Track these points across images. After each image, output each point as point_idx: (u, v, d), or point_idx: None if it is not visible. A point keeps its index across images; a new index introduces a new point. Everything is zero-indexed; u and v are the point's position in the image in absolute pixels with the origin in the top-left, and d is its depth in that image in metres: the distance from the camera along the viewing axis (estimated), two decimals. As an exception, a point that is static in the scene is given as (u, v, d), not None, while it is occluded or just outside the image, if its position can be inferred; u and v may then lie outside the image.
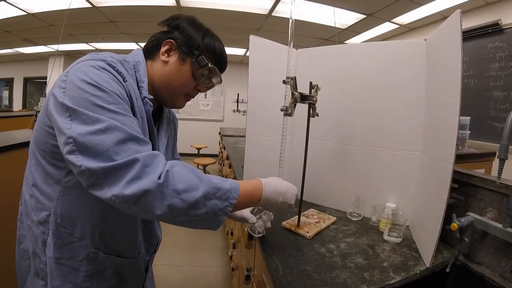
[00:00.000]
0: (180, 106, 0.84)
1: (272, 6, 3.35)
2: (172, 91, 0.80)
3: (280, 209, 0.85)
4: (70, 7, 3.21)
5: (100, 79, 0.60)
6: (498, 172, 0.82)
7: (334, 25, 3.66)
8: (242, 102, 7.66)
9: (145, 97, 0.73)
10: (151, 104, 0.75)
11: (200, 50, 0.78)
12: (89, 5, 3.36)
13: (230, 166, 2.52)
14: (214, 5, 3.36)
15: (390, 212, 1.16)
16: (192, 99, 0.89)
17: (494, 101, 2.74)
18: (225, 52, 0.84)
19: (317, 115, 1.15)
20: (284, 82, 1.01)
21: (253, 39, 1.24)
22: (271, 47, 1.33)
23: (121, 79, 0.65)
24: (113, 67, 0.64)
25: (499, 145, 0.81)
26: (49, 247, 0.71)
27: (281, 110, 1.00)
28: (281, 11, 3.49)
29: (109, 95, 0.59)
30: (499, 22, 2.51)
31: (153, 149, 0.77)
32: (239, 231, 1.91)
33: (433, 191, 1.00)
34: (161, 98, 0.82)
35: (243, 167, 1.31)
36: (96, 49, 5.76)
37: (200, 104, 7.58)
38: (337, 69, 1.37)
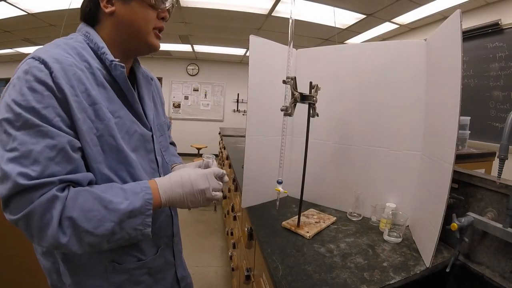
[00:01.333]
0: (156, 45, 0.75)
1: (272, 6, 3.35)
2: (137, 35, 0.72)
3: (196, 203, 0.73)
4: (70, 7, 3.22)
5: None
6: (498, 172, 0.82)
7: (334, 25, 3.66)
8: (242, 102, 7.66)
9: (112, 60, 0.66)
10: (122, 65, 0.67)
11: None
12: None
13: (230, 166, 2.53)
14: (214, 5, 3.36)
15: (390, 212, 1.16)
16: (192, 100, 0.87)
17: (494, 101, 2.74)
18: None
19: (317, 115, 1.15)
20: (284, 82, 1.01)
21: (253, 39, 1.24)
22: (271, 47, 1.33)
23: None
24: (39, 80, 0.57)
25: (499, 145, 0.81)
26: (64, 275, 0.68)
27: (281, 110, 1.00)
28: (281, 11, 3.49)
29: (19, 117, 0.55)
30: (499, 22, 2.51)
31: (139, 115, 0.74)
32: (239, 231, 1.91)
33: (433, 191, 1.00)
34: (132, 49, 0.75)
35: (243, 167, 1.31)
36: None
37: (200, 104, 7.58)
38: (337, 69, 1.37)
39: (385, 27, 3.93)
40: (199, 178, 0.71)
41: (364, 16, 3.54)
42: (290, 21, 1.03)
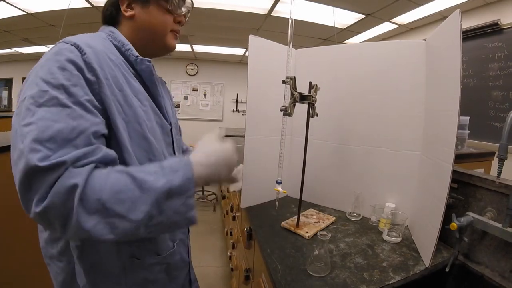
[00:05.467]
0: (173, 45, 0.81)
1: (272, 6, 3.35)
2: (155, 37, 0.77)
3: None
4: (69, 7, 3.20)
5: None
6: (498, 172, 0.82)
7: (333, 25, 3.65)
8: (242, 102, 7.65)
9: (137, 56, 0.70)
10: (148, 59, 0.71)
11: None
12: (88, 5, 3.34)
13: None
14: (213, 5, 3.36)
15: (390, 212, 1.17)
16: (191, 100, 0.87)
17: (493, 100, 2.73)
18: None
19: (317, 115, 1.15)
20: (283, 82, 1.01)
21: (253, 39, 1.24)
22: (270, 47, 1.33)
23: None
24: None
25: (498, 145, 0.81)
26: (79, 275, 0.65)
27: (281, 110, 1.00)
28: (281, 11, 3.48)
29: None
30: (499, 22, 2.51)
31: (161, 108, 0.75)
32: (238, 231, 1.91)
33: (432, 191, 1.00)
34: (150, 51, 0.78)
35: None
36: None
37: (200, 104, 7.56)
38: (337, 69, 1.37)
39: (385, 27, 3.92)
40: (233, 152, 0.67)
41: (363, 16, 3.53)
42: (290, 21, 1.03)
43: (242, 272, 1.49)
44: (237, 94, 7.71)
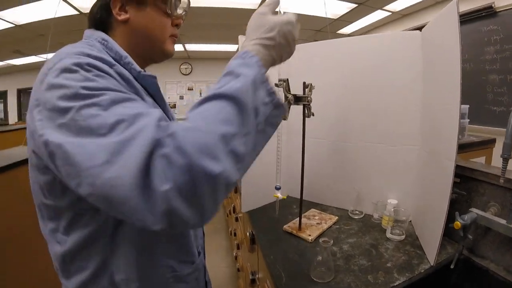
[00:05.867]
0: (172, 51, 0.73)
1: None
2: (153, 43, 0.68)
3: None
4: (57, 16, 3.15)
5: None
6: (502, 171, 0.80)
7: (325, 16, 3.61)
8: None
9: (139, 71, 0.61)
10: (153, 76, 0.64)
11: None
12: (77, 12, 3.31)
13: None
14: (203, 3, 3.32)
15: (392, 210, 1.15)
16: (187, 99, 0.81)
17: (491, 84, 2.71)
18: None
19: (313, 115, 1.12)
20: (276, 85, 0.99)
21: (242, 39, 1.22)
22: None
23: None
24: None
25: (497, 128, 0.80)
26: None
27: None
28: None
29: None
30: (493, 5, 2.48)
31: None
32: (241, 233, 1.91)
33: (435, 187, 0.99)
34: (147, 57, 0.72)
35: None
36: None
37: (196, 103, 7.54)
38: (331, 64, 1.34)
39: (377, 15, 3.87)
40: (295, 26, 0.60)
41: (355, 5, 3.49)
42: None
43: (248, 274, 1.49)
44: (234, 91, 7.68)
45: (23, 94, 6.99)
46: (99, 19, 0.66)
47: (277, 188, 1.04)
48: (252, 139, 0.46)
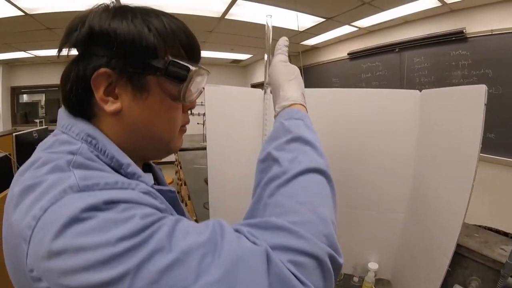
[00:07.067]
0: (179, 146, 0.52)
1: (226, 9, 3.08)
2: (157, 143, 0.48)
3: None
4: (0, 17, 2.93)
5: None
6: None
7: (297, 29, 3.45)
8: (202, 104, 7.30)
9: (152, 186, 0.41)
10: (172, 190, 0.45)
11: (157, 50, 0.42)
12: (22, 13, 2.99)
13: (189, 198, 2.16)
14: (159, 8, 3.00)
15: (373, 276, 1.05)
16: None
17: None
18: (186, 27, 0.47)
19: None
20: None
21: (209, 89, 0.98)
22: (230, 93, 1.07)
23: None
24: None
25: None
26: None
27: None
28: (235, 13, 3.23)
29: None
30: (464, 31, 2.44)
31: None
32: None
33: (422, 268, 0.90)
34: (145, 157, 0.51)
35: (206, 208, 1.07)
36: (36, 56, 5.19)
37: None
38: (316, 116, 1.12)
39: (344, 30, 3.81)
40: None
41: (323, 20, 3.37)
42: (266, 59, 0.80)
43: None
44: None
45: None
46: (77, 101, 0.43)
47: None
48: None
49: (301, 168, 0.39)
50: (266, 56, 0.82)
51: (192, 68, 0.43)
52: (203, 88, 0.50)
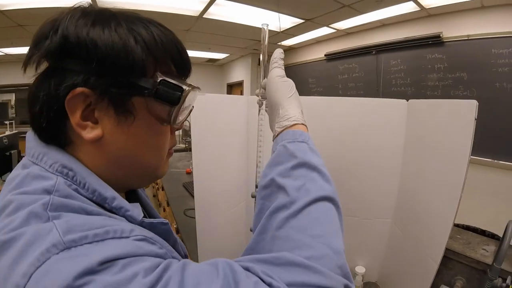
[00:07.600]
0: (165, 172, 0.47)
1: (204, 8, 3.02)
2: (143, 171, 0.43)
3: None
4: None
5: None
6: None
7: (279, 30, 3.45)
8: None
9: (142, 220, 0.36)
10: (165, 222, 0.39)
11: (145, 67, 0.36)
12: None
13: (168, 204, 2.06)
14: (137, 6, 2.89)
15: (361, 281, 1.05)
16: None
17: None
18: (177, 39, 0.41)
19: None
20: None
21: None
22: (213, 101, 1.00)
23: None
24: None
25: None
26: None
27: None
28: (214, 13, 3.19)
29: None
30: (441, 35, 2.52)
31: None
32: None
33: (409, 270, 0.92)
34: (129, 185, 0.46)
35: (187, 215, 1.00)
36: (6, 54, 4.90)
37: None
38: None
39: (322, 31, 3.85)
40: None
41: (302, 21, 3.38)
42: (261, 62, 0.73)
43: None
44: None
45: None
46: (48, 126, 0.35)
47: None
48: None
49: (310, 198, 0.37)
50: (262, 62, 0.76)
51: (185, 88, 0.38)
52: (193, 107, 0.45)
